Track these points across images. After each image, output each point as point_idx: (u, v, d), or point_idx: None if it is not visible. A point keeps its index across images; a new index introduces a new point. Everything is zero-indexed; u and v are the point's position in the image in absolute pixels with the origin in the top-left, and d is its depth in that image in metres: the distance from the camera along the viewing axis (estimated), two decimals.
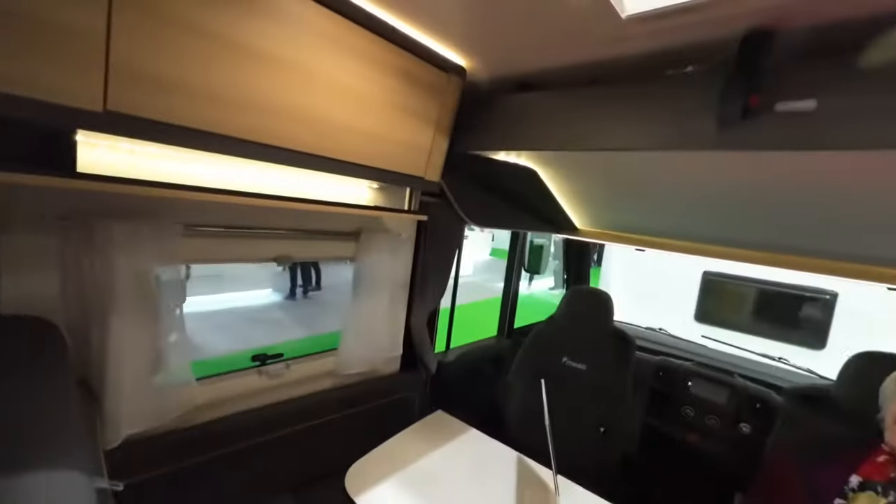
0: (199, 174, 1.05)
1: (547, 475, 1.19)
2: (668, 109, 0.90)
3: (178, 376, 1.07)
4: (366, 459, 1.14)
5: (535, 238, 2.68)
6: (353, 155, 1.01)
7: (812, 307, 2.66)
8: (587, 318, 1.87)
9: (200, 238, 1.06)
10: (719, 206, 1.40)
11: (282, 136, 0.89)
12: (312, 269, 6.87)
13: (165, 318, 1.02)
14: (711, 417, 1.78)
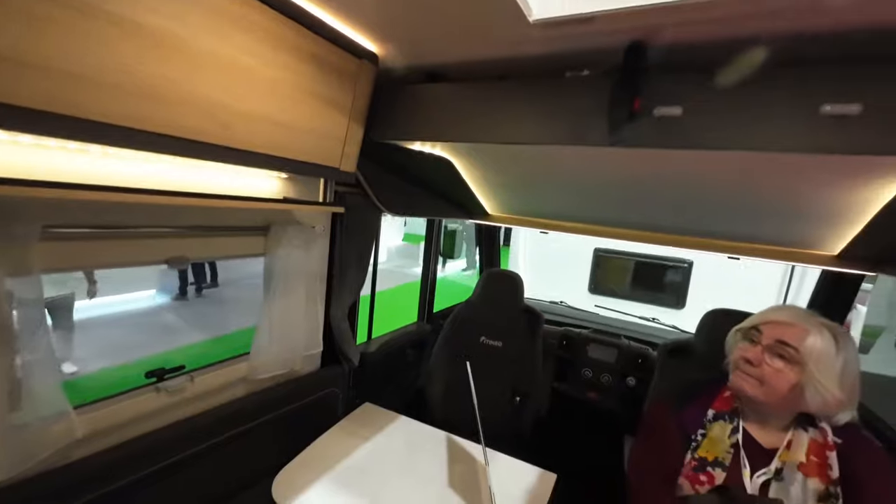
0: (65, 166, 0.86)
1: (475, 449, 1.27)
2: (567, 108, 0.99)
3: (47, 408, 0.89)
4: (293, 464, 1.09)
5: (448, 224, 2.76)
6: (260, 145, 0.92)
7: (673, 274, 3.21)
8: (501, 299, 2.01)
9: (67, 241, 0.88)
10: (608, 193, 1.60)
11: (173, 123, 0.77)
12: (206, 263, 6.15)
13: (22, 341, 0.84)
14: (605, 375, 2.06)
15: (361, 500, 0.98)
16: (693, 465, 1.06)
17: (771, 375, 0.95)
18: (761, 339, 0.99)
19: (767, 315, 1.03)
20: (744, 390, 1.01)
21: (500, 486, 1.08)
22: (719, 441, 1.06)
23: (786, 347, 0.94)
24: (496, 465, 1.18)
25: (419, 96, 1.18)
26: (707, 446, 1.07)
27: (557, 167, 1.46)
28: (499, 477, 1.12)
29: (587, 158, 1.32)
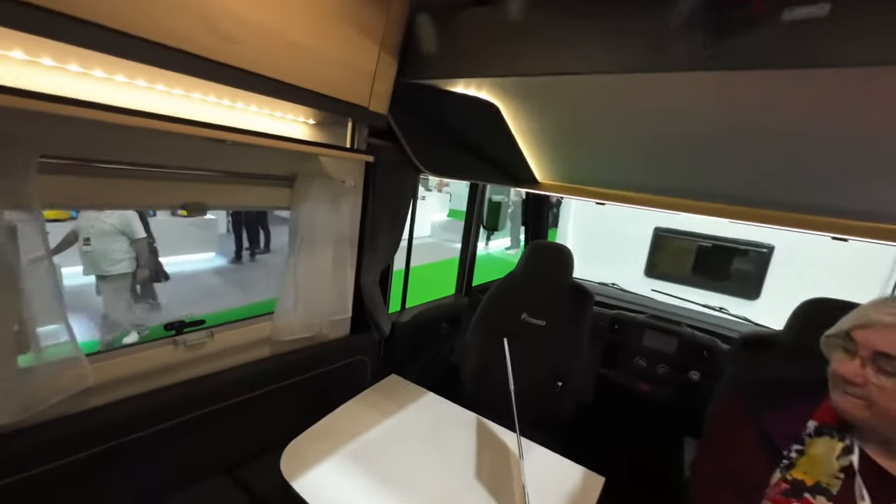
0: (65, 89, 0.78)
1: (508, 437, 1.13)
2: (647, 22, 0.76)
3: (55, 353, 0.85)
4: (306, 435, 1.00)
5: (493, 195, 2.57)
6: (272, 67, 0.79)
7: (748, 259, 2.81)
8: (547, 274, 1.81)
9: (69, 175, 0.81)
10: (684, 156, 1.33)
11: (161, 29, 0.65)
12: (260, 229, 6.41)
13: (26, 281, 0.78)
14: (662, 366, 1.82)
15: (375, 481, 0.88)
16: (783, 487, 0.85)
17: (880, 395, 0.71)
18: (858, 350, 0.75)
19: (865, 315, 0.76)
20: (848, 413, 0.77)
21: (537, 483, 0.93)
22: (824, 461, 0.84)
23: (892, 361, 0.69)
24: (533, 459, 1.03)
25: (462, 23, 0.98)
26: (805, 466, 0.85)
27: (621, 122, 1.22)
28: (535, 472, 0.96)
29: (660, 104, 1.07)
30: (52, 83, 0.75)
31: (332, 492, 0.84)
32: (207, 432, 1.14)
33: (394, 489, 0.86)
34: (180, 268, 5.43)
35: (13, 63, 0.70)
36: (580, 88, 1.05)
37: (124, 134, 0.86)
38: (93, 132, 0.81)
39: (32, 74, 0.72)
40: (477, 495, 0.87)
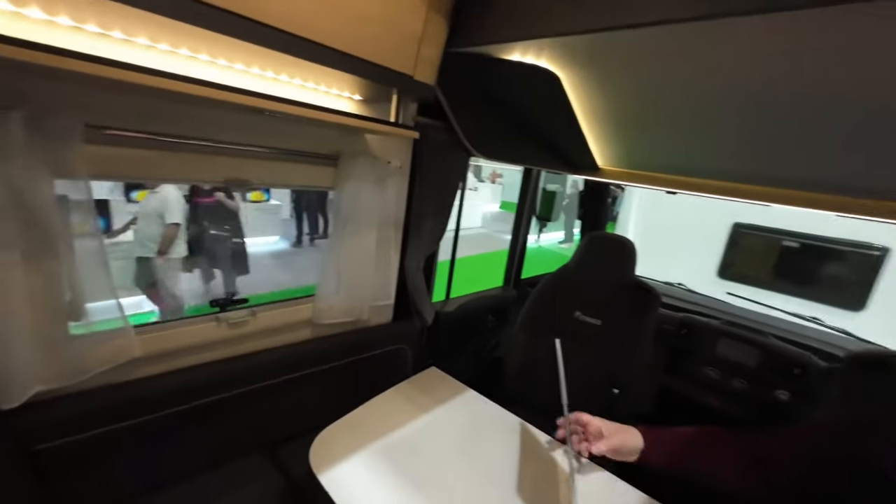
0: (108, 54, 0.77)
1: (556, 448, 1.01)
2: None
3: (104, 323, 0.87)
4: (337, 425, 0.96)
5: (547, 184, 2.40)
6: (310, 29, 0.72)
7: (852, 263, 2.40)
8: (606, 268, 1.64)
9: (115, 147, 0.80)
10: (776, 137, 1.10)
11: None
12: (320, 215, 6.69)
13: (76, 252, 0.80)
14: (739, 380, 1.59)
15: (404, 482, 0.81)
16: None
17: None
18: None
19: None
20: None
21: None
22: None
23: None
24: (584, 478, 0.90)
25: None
26: None
27: (700, 89, 1.02)
28: (588, 495, 0.84)
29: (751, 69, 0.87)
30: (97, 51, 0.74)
31: (357, 489, 0.78)
32: (247, 410, 1.14)
33: (423, 493, 0.79)
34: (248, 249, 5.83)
35: (60, 29, 0.70)
36: (651, 51, 0.89)
37: (168, 105, 0.84)
38: (137, 102, 0.80)
39: (77, 40, 0.71)
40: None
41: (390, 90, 1.00)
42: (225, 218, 3.55)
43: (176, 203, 3.03)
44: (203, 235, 3.50)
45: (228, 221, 3.58)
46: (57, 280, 0.77)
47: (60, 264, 0.77)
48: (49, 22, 0.68)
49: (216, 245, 3.57)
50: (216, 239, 3.54)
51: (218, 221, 3.51)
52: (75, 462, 0.86)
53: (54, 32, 0.70)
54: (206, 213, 3.46)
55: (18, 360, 0.73)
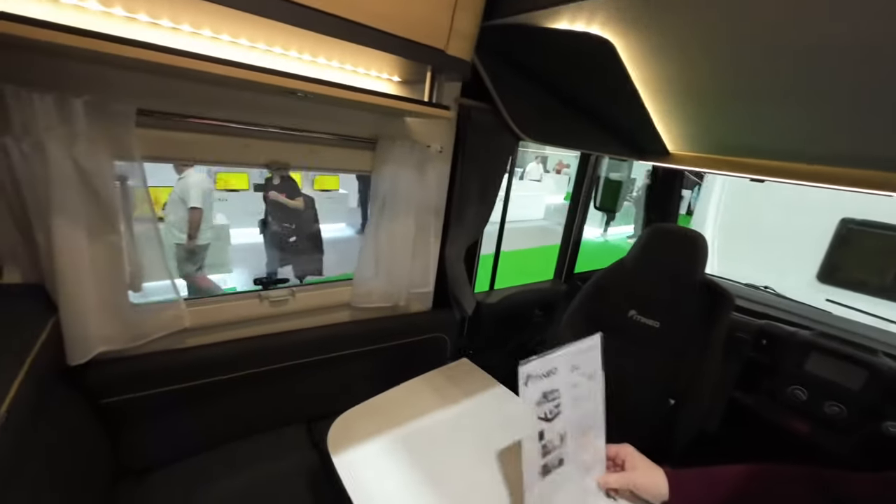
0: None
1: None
2: None
3: (159, 296, 0.95)
4: (361, 408, 0.96)
5: (611, 173, 2.21)
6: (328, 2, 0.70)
7: None
8: (669, 265, 1.46)
9: (164, 130, 0.86)
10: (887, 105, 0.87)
11: None
12: None
13: (135, 229, 0.87)
14: (834, 405, 1.34)
15: (419, 474, 0.78)
16: None
17: None
18: None
19: None
20: None
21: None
22: None
23: None
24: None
25: None
26: None
27: (792, 52, 0.83)
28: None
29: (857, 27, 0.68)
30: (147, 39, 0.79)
31: (369, 475, 0.77)
32: (287, 385, 1.20)
33: (435, 487, 0.76)
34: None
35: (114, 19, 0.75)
36: (728, 9, 0.74)
37: (213, 90, 0.89)
38: (185, 87, 0.85)
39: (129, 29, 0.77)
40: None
41: (426, 69, 0.96)
42: (289, 215, 3.62)
43: (196, 187, 2.98)
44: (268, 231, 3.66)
45: (292, 218, 3.64)
46: (118, 253, 0.85)
47: (120, 239, 0.85)
48: (105, 13, 0.74)
49: (279, 240, 3.67)
50: (277, 235, 3.65)
51: (282, 219, 3.62)
52: (135, 417, 0.96)
53: (109, 22, 0.75)
54: (273, 210, 3.60)
55: (85, 322, 0.82)
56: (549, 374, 0.66)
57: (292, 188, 3.69)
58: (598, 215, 9.01)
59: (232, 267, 4.34)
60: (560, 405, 0.68)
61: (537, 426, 0.66)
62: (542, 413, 0.66)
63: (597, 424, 0.76)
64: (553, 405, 0.67)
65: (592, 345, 0.73)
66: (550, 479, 0.69)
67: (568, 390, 0.70)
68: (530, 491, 0.67)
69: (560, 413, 0.69)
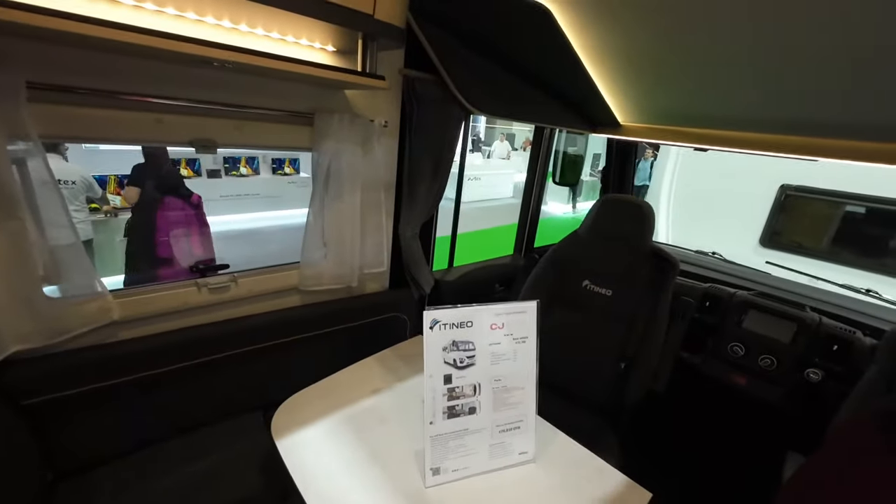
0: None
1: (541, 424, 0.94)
2: None
3: (79, 287, 0.88)
4: (308, 391, 0.94)
5: (569, 147, 2.22)
6: None
7: None
8: (619, 235, 1.50)
9: (66, 106, 0.78)
10: (826, 77, 0.91)
11: None
12: None
13: (43, 216, 0.80)
14: (767, 357, 1.43)
15: (364, 452, 0.77)
16: None
17: None
18: None
19: None
20: None
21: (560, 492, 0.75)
22: None
23: None
24: (559, 458, 0.83)
25: None
26: None
27: (731, 24, 0.84)
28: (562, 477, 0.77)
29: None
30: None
31: (311, 457, 0.76)
32: (238, 373, 1.16)
33: (379, 464, 0.76)
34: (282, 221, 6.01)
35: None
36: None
37: (122, 60, 0.81)
38: (85, 60, 0.77)
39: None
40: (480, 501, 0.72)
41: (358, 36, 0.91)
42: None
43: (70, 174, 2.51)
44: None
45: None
46: (23, 241, 0.78)
47: (23, 226, 0.77)
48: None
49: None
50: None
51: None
52: (67, 417, 0.91)
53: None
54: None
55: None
56: (461, 325, 0.69)
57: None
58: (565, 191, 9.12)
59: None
60: (474, 357, 0.71)
61: (442, 369, 0.68)
62: (452, 359, 0.68)
63: (526, 386, 0.78)
64: (465, 354, 0.70)
65: (527, 308, 0.74)
66: (457, 422, 0.72)
67: (485, 346, 0.72)
68: (430, 424, 0.71)
69: (474, 364, 0.71)
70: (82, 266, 0.87)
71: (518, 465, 0.77)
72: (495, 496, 0.72)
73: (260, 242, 4.92)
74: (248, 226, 5.58)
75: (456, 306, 0.69)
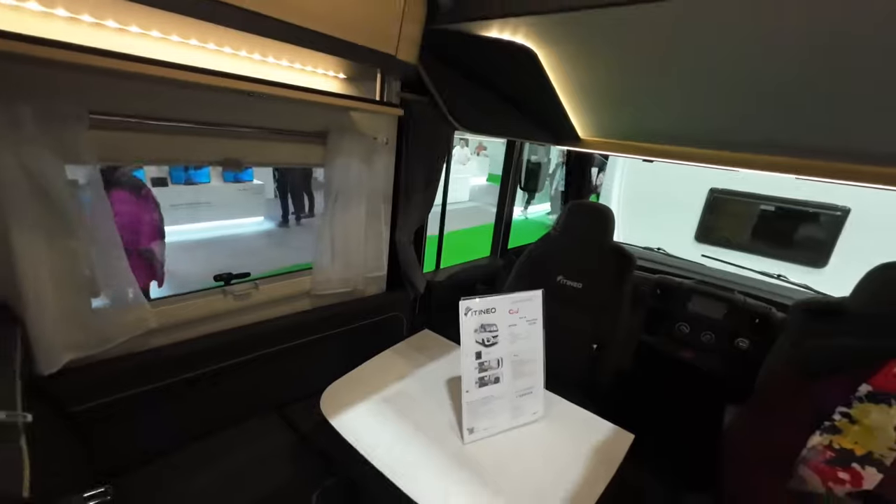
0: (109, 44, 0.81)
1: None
2: None
3: (122, 298, 0.94)
4: (344, 380, 1.07)
5: (532, 156, 2.46)
6: (298, 16, 0.77)
7: (817, 223, 2.54)
8: (586, 235, 1.74)
9: (117, 131, 0.85)
10: (745, 104, 1.18)
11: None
12: (305, 194, 6.64)
13: (94, 233, 0.86)
14: (707, 333, 1.73)
15: (407, 424, 0.92)
16: (829, 456, 0.80)
17: None
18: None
19: None
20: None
21: (565, 439, 0.94)
22: (879, 432, 0.77)
23: None
24: (561, 415, 1.03)
25: None
26: (857, 436, 0.79)
27: (673, 62, 1.09)
28: (566, 429, 0.97)
29: (718, 41, 0.94)
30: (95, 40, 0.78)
31: (365, 430, 0.90)
32: (257, 375, 1.24)
33: (423, 432, 0.91)
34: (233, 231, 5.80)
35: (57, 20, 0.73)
36: (624, 27, 0.95)
37: (166, 91, 0.89)
38: (137, 89, 0.85)
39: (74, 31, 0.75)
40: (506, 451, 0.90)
41: (374, 69, 1.05)
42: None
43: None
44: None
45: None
46: (76, 258, 0.84)
47: (80, 244, 0.83)
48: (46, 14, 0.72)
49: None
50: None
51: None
52: (107, 421, 0.96)
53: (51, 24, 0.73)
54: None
55: (52, 331, 0.81)
56: (488, 311, 0.88)
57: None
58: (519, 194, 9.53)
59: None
60: (498, 336, 0.90)
61: (474, 348, 0.86)
62: (481, 339, 0.86)
63: (536, 358, 0.96)
64: (491, 335, 0.90)
65: (534, 296, 0.93)
66: (486, 390, 0.90)
67: (505, 327, 0.91)
68: (466, 392, 0.88)
69: (497, 343, 0.90)
70: (126, 278, 0.93)
71: (531, 423, 0.95)
72: (517, 446, 0.89)
73: (215, 255, 4.76)
74: (200, 236, 5.38)
75: (484, 296, 0.86)
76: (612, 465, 0.87)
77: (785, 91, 1.04)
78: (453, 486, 0.80)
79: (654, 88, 1.29)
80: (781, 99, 1.09)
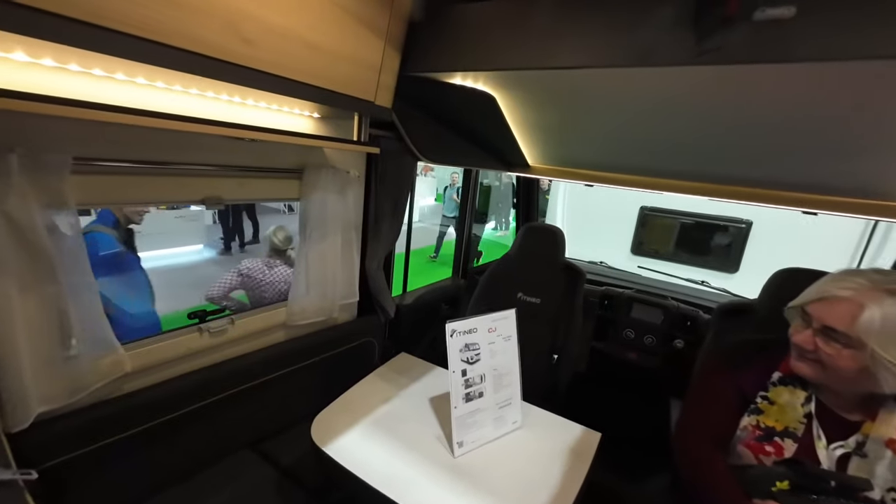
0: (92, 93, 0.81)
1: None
2: (641, 20, 0.83)
3: (96, 344, 0.91)
4: (332, 407, 1.09)
5: (483, 180, 2.63)
6: (288, 68, 0.84)
7: (728, 235, 2.96)
8: (540, 254, 1.91)
9: (100, 175, 0.85)
10: (670, 138, 1.42)
11: (189, 35, 0.69)
12: (249, 220, 6.37)
13: (69, 279, 0.84)
14: (649, 337, 1.96)
15: (397, 443, 0.97)
16: (757, 433, 0.97)
17: (829, 359, 0.83)
18: (812, 322, 0.86)
19: (821, 289, 0.87)
20: (804, 373, 0.90)
21: (542, 442, 1.04)
22: (790, 410, 0.96)
23: (836, 333, 0.81)
24: (535, 421, 1.13)
25: (464, 18, 1.04)
26: (776, 414, 0.97)
27: (611, 106, 1.30)
28: (538, 431, 1.07)
29: (648, 94, 1.15)
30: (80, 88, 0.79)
31: (360, 454, 0.93)
32: (234, 411, 1.22)
33: (417, 451, 0.96)
34: (171, 261, 5.40)
35: (43, 70, 0.74)
36: (573, 80, 1.12)
37: (148, 134, 0.90)
38: (121, 134, 0.86)
39: (61, 80, 0.76)
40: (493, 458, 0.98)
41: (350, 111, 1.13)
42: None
43: None
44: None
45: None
46: (52, 305, 0.81)
47: (54, 290, 0.81)
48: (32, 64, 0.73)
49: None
50: None
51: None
52: (78, 476, 0.90)
53: (37, 73, 0.74)
54: None
55: (23, 383, 0.77)
56: (470, 332, 0.96)
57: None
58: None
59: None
60: (479, 354, 0.99)
61: (460, 366, 0.95)
62: (465, 358, 0.95)
63: (513, 370, 1.07)
64: (474, 353, 0.99)
65: (508, 314, 1.04)
66: (472, 404, 0.99)
67: (486, 345, 1.01)
68: (455, 408, 0.96)
69: (479, 360, 0.99)
70: (100, 323, 0.91)
71: (512, 432, 1.04)
72: (503, 454, 0.98)
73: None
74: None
75: (465, 319, 0.95)
76: (586, 462, 0.99)
77: (692, 134, 1.28)
78: (448, 497, 0.86)
79: (591, 126, 1.50)
80: (690, 138, 1.33)
